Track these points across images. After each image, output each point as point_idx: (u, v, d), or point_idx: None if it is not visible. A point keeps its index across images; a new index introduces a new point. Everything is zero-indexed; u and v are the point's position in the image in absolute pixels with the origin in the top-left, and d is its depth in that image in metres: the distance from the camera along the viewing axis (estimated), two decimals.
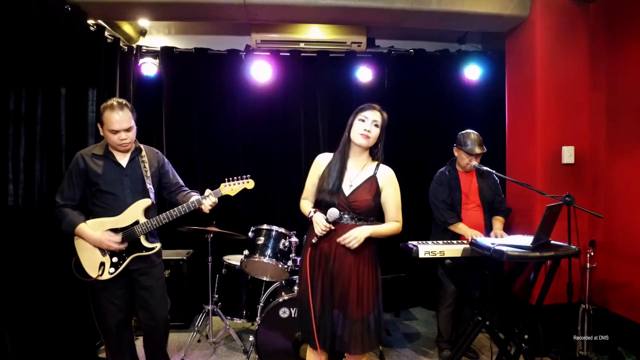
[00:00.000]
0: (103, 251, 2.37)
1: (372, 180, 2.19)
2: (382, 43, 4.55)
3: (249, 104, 4.28)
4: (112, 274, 2.37)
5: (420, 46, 4.45)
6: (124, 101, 2.40)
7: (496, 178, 3.23)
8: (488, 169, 3.01)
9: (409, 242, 2.93)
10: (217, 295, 3.51)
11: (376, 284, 2.20)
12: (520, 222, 3.48)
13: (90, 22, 3.44)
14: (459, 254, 2.83)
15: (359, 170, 2.22)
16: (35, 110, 2.83)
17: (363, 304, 2.13)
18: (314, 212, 2.17)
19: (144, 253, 2.43)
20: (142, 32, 4.32)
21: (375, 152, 2.24)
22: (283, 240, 3.16)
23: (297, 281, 3.09)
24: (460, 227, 3.10)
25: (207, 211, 2.44)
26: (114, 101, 2.36)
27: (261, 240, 3.15)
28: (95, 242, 2.35)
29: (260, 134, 4.33)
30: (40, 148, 2.86)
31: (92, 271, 2.36)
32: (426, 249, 2.76)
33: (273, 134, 4.35)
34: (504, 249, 2.43)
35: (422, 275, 4.41)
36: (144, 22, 4.09)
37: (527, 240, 2.63)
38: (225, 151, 4.30)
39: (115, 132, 2.33)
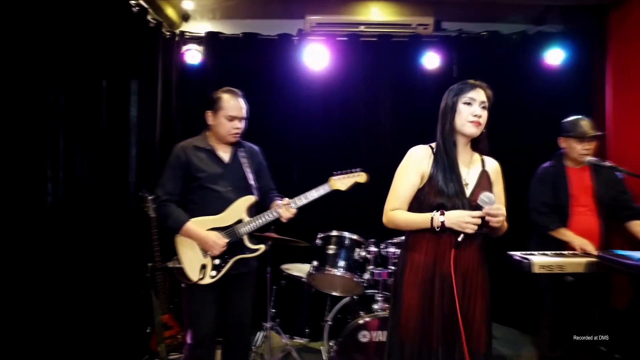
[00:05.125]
0: (204, 252, 2.22)
1: (485, 176, 1.90)
2: (449, 26, 4.06)
3: (303, 94, 3.84)
4: (213, 277, 2.20)
5: (492, 28, 3.94)
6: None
7: (619, 174, 2.68)
8: (612, 164, 2.48)
9: (513, 253, 2.46)
10: (274, 310, 3.08)
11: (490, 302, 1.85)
12: None
13: (132, 2, 3.07)
14: (581, 269, 2.32)
15: (467, 165, 1.88)
16: (77, 101, 2.54)
17: (488, 330, 1.79)
18: (440, 214, 1.72)
19: (248, 255, 2.26)
20: (185, 17, 3.94)
21: (478, 143, 1.89)
22: (357, 250, 2.72)
23: (388, 306, 2.68)
24: (565, 234, 2.59)
25: (285, 220, 2.31)
26: (230, 88, 2.32)
27: (332, 249, 2.72)
28: (201, 240, 2.19)
29: (315, 126, 3.87)
30: (81, 143, 2.56)
31: (193, 274, 2.20)
32: (541, 263, 2.27)
33: (329, 127, 3.89)
34: None
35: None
36: (188, 4, 3.71)
37: None
38: (276, 146, 3.82)
39: (233, 118, 2.25)
